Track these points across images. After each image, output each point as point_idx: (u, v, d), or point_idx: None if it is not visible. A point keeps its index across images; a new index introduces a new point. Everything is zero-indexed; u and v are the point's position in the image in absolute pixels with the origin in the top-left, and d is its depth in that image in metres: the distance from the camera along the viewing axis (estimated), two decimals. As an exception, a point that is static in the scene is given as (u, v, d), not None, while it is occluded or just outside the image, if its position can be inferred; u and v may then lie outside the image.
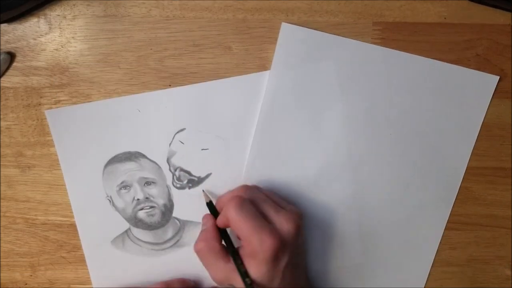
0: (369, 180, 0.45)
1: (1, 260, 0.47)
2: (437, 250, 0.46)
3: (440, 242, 0.46)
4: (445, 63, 0.44)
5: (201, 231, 0.42)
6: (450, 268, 0.46)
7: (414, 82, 0.44)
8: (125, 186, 0.45)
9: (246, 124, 0.44)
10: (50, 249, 0.47)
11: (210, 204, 0.43)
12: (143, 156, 0.45)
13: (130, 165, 0.45)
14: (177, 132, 0.45)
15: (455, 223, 0.46)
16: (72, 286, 0.47)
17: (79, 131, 0.45)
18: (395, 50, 0.43)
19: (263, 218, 0.38)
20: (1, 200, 0.46)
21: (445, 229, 0.46)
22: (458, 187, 0.45)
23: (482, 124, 0.45)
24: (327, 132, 0.44)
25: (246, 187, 0.42)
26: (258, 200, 0.40)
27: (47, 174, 0.46)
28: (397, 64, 0.44)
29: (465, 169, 0.45)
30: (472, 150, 0.45)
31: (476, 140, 0.45)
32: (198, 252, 0.40)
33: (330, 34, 0.43)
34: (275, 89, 0.44)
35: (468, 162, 0.45)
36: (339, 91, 0.44)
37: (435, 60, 0.44)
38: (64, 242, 0.46)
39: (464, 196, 0.45)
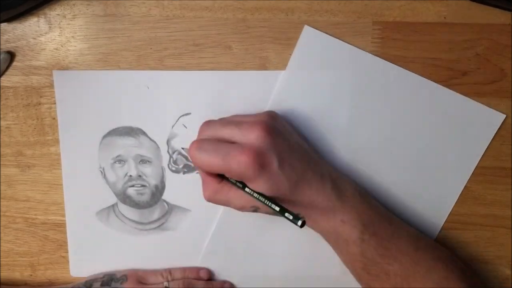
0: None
1: (1, 259, 0.47)
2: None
3: (439, 243, 0.46)
4: (458, 94, 0.44)
5: (202, 182, 0.42)
6: (450, 268, 0.46)
7: (423, 106, 0.44)
8: (120, 160, 0.45)
9: None
10: (50, 249, 0.47)
11: None
12: (144, 133, 0.45)
13: (129, 140, 0.45)
14: (182, 116, 0.44)
15: (455, 223, 0.46)
16: (71, 285, 0.47)
17: (84, 96, 0.44)
18: (413, 73, 0.43)
19: (227, 143, 0.38)
20: (1, 200, 0.46)
21: (445, 229, 0.46)
22: (448, 214, 0.46)
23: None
24: (330, 141, 0.44)
25: (202, 126, 0.41)
26: (217, 130, 0.39)
27: (47, 174, 0.46)
28: (411, 87, 0.43)
29: (454, 202, 0.45)
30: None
31: (476, 140, 0.45)
32: (209, 200, 0.41)
33: (351, 45, 0.43)
34: (286, 90, 0.44)
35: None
36: (349, 103, 0.44)
37: (449, 90, 0.43)
38: (64, 241, 0.46)
39: (464, 196, 0.45)
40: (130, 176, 0.45)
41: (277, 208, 0.36)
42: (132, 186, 0.45)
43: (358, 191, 0.41)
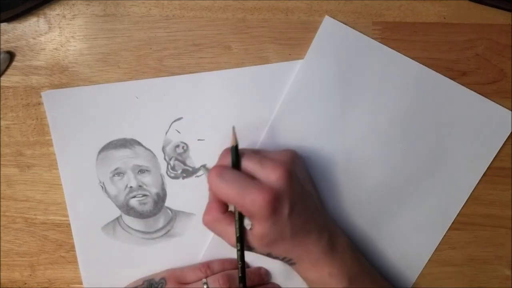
0: (375, 185, 0.45)
1: (1, 259, 0.47)
2: (437, 250, 0.46)
3: (439, 242, 0.46)
4: (471, 91, 0.43)
5: (207, 204, 0.41)
6: (449, 268, 0.46)
7: (438, 102, 0.44)
8: (118, 173, 0.45)
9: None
10: (50, 249, 0.47)
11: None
12: (139, 143, 0.45)
13: (124, 152, 0.45)
14: (174, 121, 0.44)
15: (455, 223, 0.46)
16: (71, 285, 0.47)
17: (75, 114, 0.44)
18: (431, 70, 0.43)
19: (247, 177, 0.38)
20: (1, 200, 0.46)
21: (445, 229, 0.46)
22: (457, 213, 0.45)
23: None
24: (343, 135, 0.44)
25: (225, 152, 0.40)
26: (241, 161, 0.39)
27: (47, 174, 0.46)
28: (428, 83, 0.43)
29: (467, 198, 0.45)
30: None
31: (476, 140, 0.45)
32: (205, 224, 0.40)
33: (369, 38, 0.43)
34: (304, 80, 0.43)
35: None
36: (366, 95, 0.44)
37: (463, 87, 0.43)
38: (64, 241, 0.46)
39: (463, 196, 0.45)
40: (131, 187, 0.45)
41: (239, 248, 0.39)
42: (134, 197, 0.45)
43: (349, 246, 0.42)
